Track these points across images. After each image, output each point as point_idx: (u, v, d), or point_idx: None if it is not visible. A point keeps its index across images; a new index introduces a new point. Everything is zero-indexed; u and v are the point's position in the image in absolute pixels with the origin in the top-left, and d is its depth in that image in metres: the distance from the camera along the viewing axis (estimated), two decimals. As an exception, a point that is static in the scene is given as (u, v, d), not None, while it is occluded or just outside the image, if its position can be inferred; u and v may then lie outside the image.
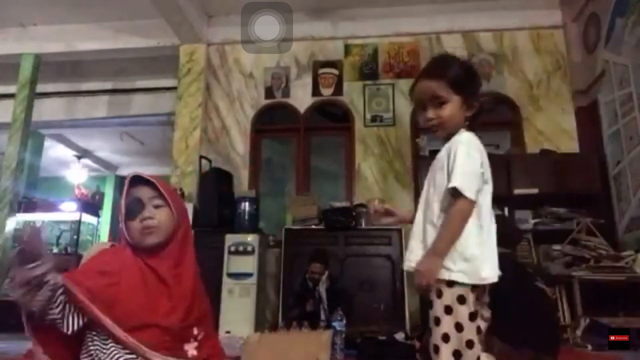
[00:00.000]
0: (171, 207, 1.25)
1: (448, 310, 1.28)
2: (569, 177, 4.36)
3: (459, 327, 1.27)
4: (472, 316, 1.30)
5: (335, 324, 2.94)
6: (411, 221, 1.47)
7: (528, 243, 4.31)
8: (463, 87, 1.37)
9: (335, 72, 5.43)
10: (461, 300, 1.29)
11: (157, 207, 1.24)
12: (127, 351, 1.10)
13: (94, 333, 1.13)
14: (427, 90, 1.39)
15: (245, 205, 4.67)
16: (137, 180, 1.24)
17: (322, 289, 3.75)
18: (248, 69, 5.57)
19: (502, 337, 2.20)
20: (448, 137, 1.40)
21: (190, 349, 1.19)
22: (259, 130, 5.47)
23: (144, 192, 1.24)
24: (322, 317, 3.61)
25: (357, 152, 5.16)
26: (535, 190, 4.38)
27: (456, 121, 1.38)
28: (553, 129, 4.96)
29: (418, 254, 1.36)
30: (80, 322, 1.10)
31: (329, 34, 5.51)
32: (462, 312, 1.28)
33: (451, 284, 1.30)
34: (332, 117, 5.61)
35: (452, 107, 1.37)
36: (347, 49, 5.48)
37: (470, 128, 1.41)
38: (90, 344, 1.13)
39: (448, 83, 1.36)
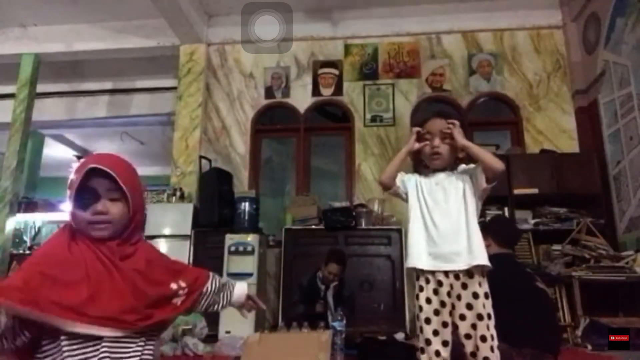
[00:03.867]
0: (128, 201, 1.16)
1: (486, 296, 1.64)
2: (569, 177, 4.36)
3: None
4: None
5: (335, 324, 2.94)
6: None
7: (528, 243, 4.31)
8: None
9: (335, 72, 5.43)
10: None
11: (113, 200, 1.15)
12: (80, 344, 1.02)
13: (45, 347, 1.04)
14: (440, 125, 1.73)
15: (245, 205, 4.67)
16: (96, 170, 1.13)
17: (329, 295, 3.66)
18: (248, 69, 5.57)
19: (502, 337, 2.20)
20: (444, 169, 1.76)
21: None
22: (259, 130, 5.47)
23: (101, 184, 1.13)
24: (330, 321, 3.55)
25: (357, 152, 5.16)
26: (535, 190, 4.38)
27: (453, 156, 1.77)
28: (553, 129, 4.96)
29: (476, 251, 1.63)
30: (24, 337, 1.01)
31: (329, 34, 5.51)
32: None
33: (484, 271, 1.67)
34: (332, 117, 5.61)
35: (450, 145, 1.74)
36: (347, 49, 5.48)
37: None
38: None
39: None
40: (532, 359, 2.16)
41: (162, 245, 4.60)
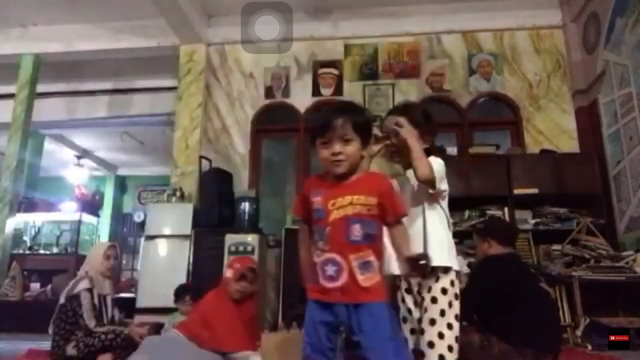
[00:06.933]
0: None
1: (444, 291, 1.60)
2: (569, 177, 4.36)
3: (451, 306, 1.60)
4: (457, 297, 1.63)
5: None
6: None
7: (528, 243, 4.31)
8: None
9: (335, 72, 5.43)
10: (453, 284, 1.63)
11: None
12: None
13: None
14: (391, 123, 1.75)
15: (245, 205, 4.66)
16: None
17: None
18: (248, 69, 5.56)
19: (502, 337, 2.20)
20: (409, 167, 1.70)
21: None
22: (259, 130, 5.47)
23: None
24: None
25: (357, 152, 5.14)
26: (535, 190, 4.37)
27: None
28: (553, 129, 4.96)
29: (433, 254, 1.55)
30: None
31: (329, 34, 5.50)
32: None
33: (447, 270, 1.62)
34: (332, 117, 5.59)
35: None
36: (347, 49, 5.47)
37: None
38: None
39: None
40: (533, 359, 2.16)
41: (162, 245, 4.60)
